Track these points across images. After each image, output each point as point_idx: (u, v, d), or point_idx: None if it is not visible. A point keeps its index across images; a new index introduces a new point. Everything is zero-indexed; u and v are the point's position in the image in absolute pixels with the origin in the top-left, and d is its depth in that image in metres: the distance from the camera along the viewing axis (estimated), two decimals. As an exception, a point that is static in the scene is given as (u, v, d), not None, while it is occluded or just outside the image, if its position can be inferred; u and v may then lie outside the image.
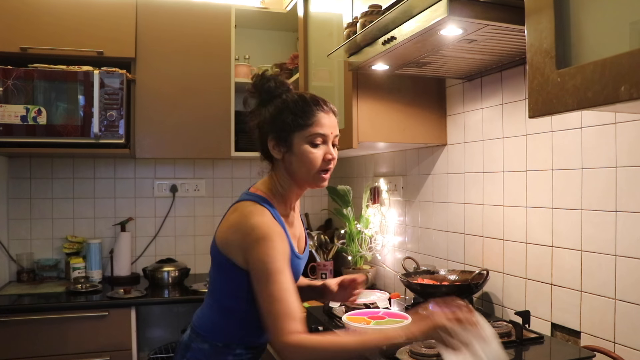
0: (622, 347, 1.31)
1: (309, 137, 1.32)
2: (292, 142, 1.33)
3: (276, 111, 1.36)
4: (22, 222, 2.83)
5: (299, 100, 1.35)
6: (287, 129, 1.33)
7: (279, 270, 1.23)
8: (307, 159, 1.33)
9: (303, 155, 1.33)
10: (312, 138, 1.32)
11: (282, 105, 1.35)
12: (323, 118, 1.34)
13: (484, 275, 1.72)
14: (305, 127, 1.32)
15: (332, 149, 1.36)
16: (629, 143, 1.31)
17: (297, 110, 1.33)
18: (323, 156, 1.34)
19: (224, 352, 1.38)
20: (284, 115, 1.34)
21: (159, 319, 2.93)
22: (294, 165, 1.35)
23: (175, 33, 2.71)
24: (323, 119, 1.34)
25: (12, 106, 2.36)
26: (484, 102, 1.86)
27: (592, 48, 0.84)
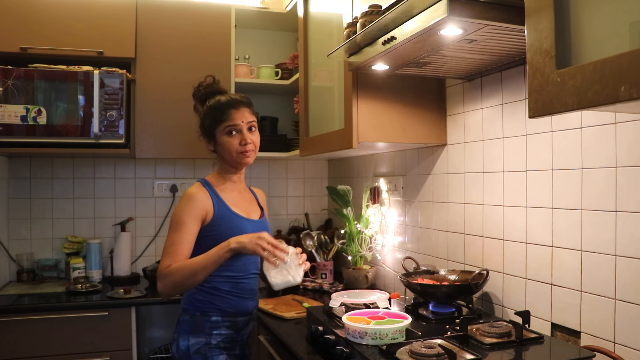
0: (622, 347, 1.31)
1: (224, 130, 1.72)
2: (216, 136, 1.75)
3: (203, 115, 1.79)
4: (22, 222, 2.83)
5: (215, 103, 1.75)
6: (210, 127, 1.75)
7: (184, 222, 1.64)
8: (227, 147, 1.73)
9: (224, 144, 1.73)
10: (227, 129, 1.72)
11: (206, 110, 1.78)
12: (234, 113, 1.72)
13: (484, 275, 1.72)
14: (221, 123, 1.72)
15: (248, 134, 1.73)
16: (629, 143, 1.31)
17: (214, 112, 1.74)
18: (239, 141, 1.72)
19: (202, 320, 1.70)
20: (207, 118, 1.76)
21: (159, 319, 2.93)
22: (222, 154, 1.76)
23: (175, 33, 2.71)
24: (234, 114, 1.72)
25: (12, 106, 2.36)
26: (484, 102, 1.86)
27: (592, 48, 0.84)
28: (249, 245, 1.54)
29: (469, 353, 1.34)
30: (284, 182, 3.30)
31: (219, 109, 1.73)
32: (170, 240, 1.63)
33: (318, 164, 3.37)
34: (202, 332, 1.69)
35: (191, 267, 1.57)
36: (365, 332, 1.44)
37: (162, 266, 1.60)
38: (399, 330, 1.45)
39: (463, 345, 1.39)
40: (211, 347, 1.69)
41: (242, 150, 1.73)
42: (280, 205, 3.29)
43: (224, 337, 1.72)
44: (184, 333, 1.71)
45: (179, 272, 1.56)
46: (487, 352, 1.38)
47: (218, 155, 1.79)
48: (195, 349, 1.68)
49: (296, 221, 3.28)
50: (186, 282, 1.58)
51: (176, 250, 1.60)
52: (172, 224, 1.66)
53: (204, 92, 1.81)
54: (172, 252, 1.60)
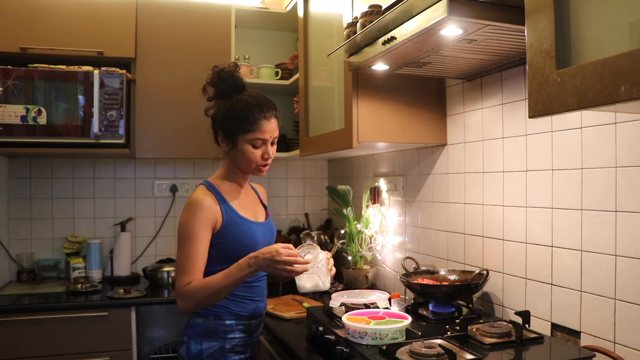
0: (622, 347, 1.31)
1: (251, 140, 1.61)
2: (237, 141, 1.62)
3: (226, 112, 1.63)
4: (22, 222, 2.83)
5: (245, 107, 1.60)
6: (233, 130, 1.61)
7: (196, 234, 1.55)
8: (248, 157, 1.63)
9: (245, 153, 1.62)
10: (253, 141, 1.61)
11: (231, 109, 1.62)
12: (264, 125, 1.61)
13: (484, 275, 1.72)
14: (248, 132, 1.60)
15: (270, 148, 1.65)
16: (629, 143, 1.31)
17: (242, 116, 1.60)
18: (261, 155, 1.63)
19: (215, 324, 1.63)
20: (232, 119, 1.61)
21: (159, 319, 2.93)
22: (237, 159, 1.65)
23: (175, 33, 2.71)
24: (264, 125, 1.61)
25: (12, 106, 2.36)
26: (484, 102, 1.86)
27: (592, 48, 0.84)
28: (268, 269, 1.50)
29: (469, 353, 1.34)
30: (284, 182, 3.30)
31: (250, 114, 1.60)
32: (184, 255, 1.55)
33: (318, 164, 3.37)
34: (216, 336, 1.64)
35: (212, 287, 1.51)
36: (365, 332, 1.44)
37: (180, 284, 1.53)
38: (399, 330, 1.45)
39: (463, 345, 1.39)
40: (225, 351, 1.64)
41: (262, 164, 1.66)
42: (280, 205, 3.29)
43: (238, 341, 1.67)
44: (195, 336, 1.64)
45: (199, 291, 1.51)
46: (487, 352, 1.38)
47: (230, 157, 1.68)
48: (209, 353, 1.63)
49: (296, 221, 3.28)
50: (207, 301, 1.54)
51: (192, 265, 1.54)
52: (182, 236, 1.57)
53: (228, 83, 1.65)
54: (188, 269, 1.53)
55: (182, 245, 1.57)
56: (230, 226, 1.62)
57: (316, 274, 1.60)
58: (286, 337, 1.76)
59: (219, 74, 1.66)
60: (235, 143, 1.62)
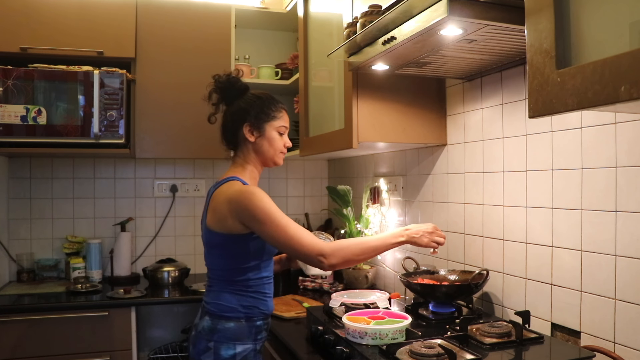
0: (622, 347, 1.31)
1: (278, 128, 1.72)
2: (265, 129, 1.71)
3: (248, 105, 1.71)
4: (22, 222, 2.83)
5: (267, 99, 1.73)
6: (262, 118, 1.70)
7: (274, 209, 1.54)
8: (276, 144, 1.73)
9: (272, 140, 1.72)
10: (279, 129, 1.73)
11: (253, 102, 1.71)
12: (285, 115, 1.75)
13: (484, 275, 1.72)
14: (275, 119, 1.72)
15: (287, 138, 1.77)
16: (629, 143, 1.31)
17: (269, 105, 1.72)
18: (284, 143, 1.75)
19: (248, 326, 1.63)
20: (258, 108, 1.70)
21: (159, 319, 2.93)
22: (264, 147, 1.72)
23: (175, 33, 2.71)
24: (285, 115, 1.75)
25: (12, 106, 2.36)
26: (484, 102, 1.86)
27: (592, 48, 0.84)
28: (418, 240, 1.61)
29: (469, 353, 1.34)
30: (284, 182, 3.30)
31: (273, 105, 1.72)
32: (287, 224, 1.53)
33: (318, 164, 3.37)
34: (249, 339, 1.62)
35: (366, 244, 1.56)
36: (365, 332, 1.44)
37: (317, 243, 1.50)
38: (399, 330, 1.45)
39: (463, 345, 1.39)
40: (256, 352, 1.65)
41: (283, 151, 1.75)
42: (280, 205, 3.27)
43: (263, 341, 1.69)
44: (227, 341, 1.59)
45: (352, 245, 1.55)
46: (487, 352, 1.38)
47: (253, 149, 1.72)
48: (243, 357, 1.60)
49: (296, 221, 3.28)
50: (358, 257, 1.56)
51: (301, 230, 1.55)
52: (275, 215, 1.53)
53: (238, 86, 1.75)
54: (303, 233, 1.53)
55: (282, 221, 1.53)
56: None
57: None
58: (286, 337, 1.76)
59: (228, 79, 1.75)
60: (264, 131, 1.70)
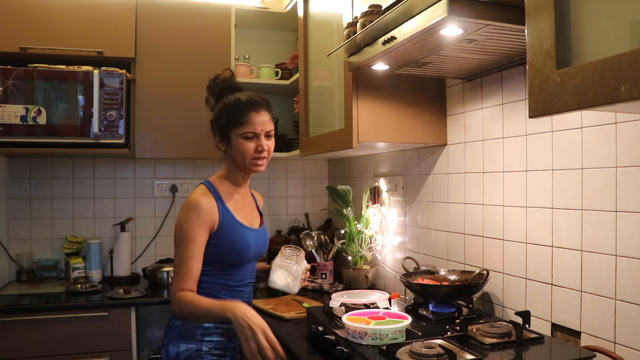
0: (622, 347, 1.31)
1: (242, 134, 1.65)
2: (230, 137, 1.67)
3: (218, 112, 1.70)
4: (22, 222, 2.83)
5: (234, 103, 1.67)
6: (225, 127, 1.67)
7: (193, 235, 1.56)
8: (242, 151, 1.66)
9: (238, 147, 1.66)
10: (244, 134, 1.65)
11: (222, 107, 1.69)
12: (254, 117, 1.65)
13: (484, 275, 1.72)
14: (239, 126, 1.65)
15: (265, 141, 1.67)
16: (629, 143, 1.30)
17: (232, 111, 1.66)
18: (255, 148, 1.65)
19: (194, 327, 1.64)
20: (223, 116, 1.68)
21: (159, 319, 2.93)
22: (233, 156, 1.69)
23: (175, 33, 2.71)
24: (254, 117, 1.65)
25: (12, 106, 2.36)
26: (484, 102, 1.86)
27: (592, 48, 0.84)
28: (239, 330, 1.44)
29: (469, 353, 1.34)
30: (284, 182, 3.30)
31: (238, 109, 1.66)
32: (180, 256, 1.57)
33: (318, 164, 3.37)
34: (193, 339, 1.63)
35: (196, 309, 1.54)
36: (365, 332, 1.44)
37: (174, 287, 1.57)
38: (399, 330, 1.45)
39: (463, 346, 1.39)
40: (202, 353, 1.63)
41: (256, 157, 1.67)
42: (280, 205, 3.29)
43: (216, 344, 1.66)
44: (173, 339, 1.65)
45: (186, 305, 1.54)
46: (487, 352, 1.38)
47: (228, 156, 1.72)
48: (186, 356, 1.62)
49: (296, 221, 3.28)
50: (191, 317, 1.60)
51: (187, 268, 1.55)
52: (179, 237, 1.58)
53: (220, 86, 1.73)
54: (182, 272, 1.55)
55: (178, 246, 1.58)
56: (225, 229, 1.64)
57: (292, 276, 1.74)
58: (286, 337, 1.76)
59: (215, 80, 1.74)
60: (230, 139, 1.68)
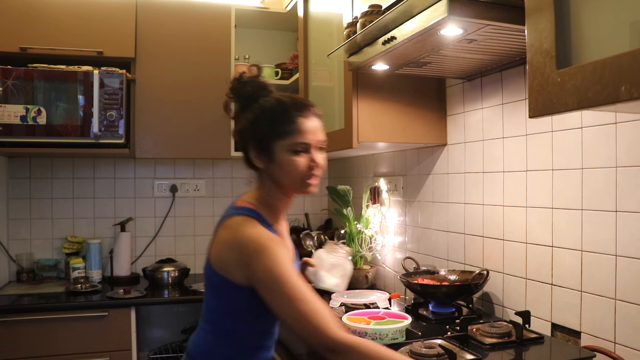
0: (622, 347, 1.31)
1: (290, 146, 1.26)
2: (274, 151, 1.27)
3: (254, 119, 1.30)
4: (22, 222, 2.83)
5: (277, 106, 1.29)
6: (266, 138, 1.27)
7: (290, 274, 1.17)
8: (290, 168, 1.27)
9: (285, 164, 1.27)
10: (293, 146, 1.26)
11: (259, 112, 1.30)
12: (304, 124, 1.27)
13: (484, 275, 1.72)
14: (286, 136, 1.26)
15: (317, 155, 1.29)
16: (629, 143, 1.30)
17: (275, 117, 1.27)
18: (307, 164, 1.27)
19: None
20: (262, 123, 1.28)
21: (159, 319, 2.93)
22: (277, 175, 1.29)
23: (175, 33, 2.71)
24: (304, 125, 1.27)
25: (11, 106, 2.36)
26: (484, 102, 1.86)
27: (592, 48, 0.84)
28: None
29: (469, 353, 1.34)
30: (284, 182, 3.30)
31: (283, 115, 1.27)
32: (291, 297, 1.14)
33: (318, 164, 3.37)
34: None
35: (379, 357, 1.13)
36: (365, 332, 1.44)
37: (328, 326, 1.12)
38: (399, 330, 1.45)
39: (463, 346, 1.39)
40: None
41: (308, 175, 1.28)
42: (280, 205, 3.28)
43: None
44: None
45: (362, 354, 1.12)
46: (487, 352, 1.38)
47: (267, 174, 1.32)
48: None
49: (296, 221, 3.28)
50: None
51: (316, 306, 1.15)
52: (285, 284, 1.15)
53: (251, 87, 1.34)
54: (315, 311, 1.14)
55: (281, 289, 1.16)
56: None
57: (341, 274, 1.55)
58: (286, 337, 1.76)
59: (240, 80, 1.36)
60: (272, 154, 1.28)
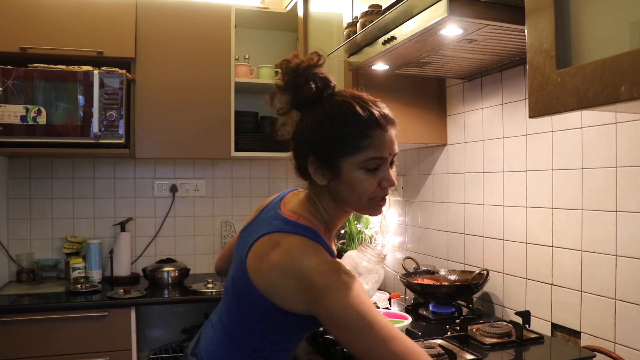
0: (622, 347, 1.31)
1: (363, 163, 1.06)
2: (341, 167, 1.07)
3: (317, 125, 1.08)
4: (22, 222, 2.83)
5: (349, 114, 1.06)
6: (333, 151, 1.06)
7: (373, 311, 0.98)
8: (360, 188, 1.07)
9: (355, 183, 1.07)
10: (366, 164, 1.06)
11: (324, 118, 1.07)
12: (381, 136, 1.07)
13: (484, 275, 1.72)
14: (358, 151, 1.05)
15: (391, 172, 1.10)
16: (629, 143, 1.31)
17: (346, 128, 1.05)
18: (379, 182, 1.08)
19: None
20: (329, 133, 1.06)
21: (159, 319, 2.93)
22: (342, 194, 1.09)
23: (175, 33, 2.70)
24: (381, 137, 1.07)
25: (11, 106, 2.36)
26: (484, 102, 1.86)
27: (592, 48, 0.84)
28: None
29: (469, 353, 1.34)
30: (284, 182, 3.30)
31: (358, 125, 1.06)
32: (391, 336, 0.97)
33: (318, 164, 3.37)
34: None
35: None
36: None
37: None
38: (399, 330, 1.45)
39: (463, 346, 1.39)
40: None
41: (379, 195, 1.09)
42: (280, 205, 3.28)
43: None
44: None
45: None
46: (487, 352, 1.38)
47: (330, 191, 1.12)
48: None
49: (296, 221, 3.28)
50: None
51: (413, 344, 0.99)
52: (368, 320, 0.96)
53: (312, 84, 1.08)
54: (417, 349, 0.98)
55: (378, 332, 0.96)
56: None
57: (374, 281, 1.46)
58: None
59: (296, 72, 1.09)
60: (338, 171, 1.07)
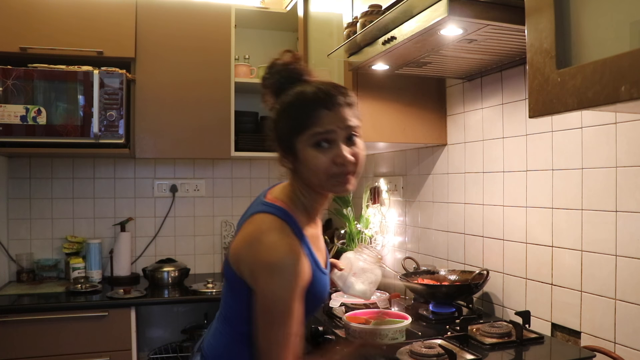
0: (622, 347, 1.31)
1: (311, 139, 1.10)
2: (296, 149, 1.12)
3: (276, 116, 1.17)
4: (22, 222, 2.83)
5: (296, 99, 1.13)
6: (287, 135, 1.13)
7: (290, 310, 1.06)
8: (315, 167, 1.10)
9: (309, 162, 1.11)
10: (314, 139, 1.09)
11: (279, 108, 1.16)
12: (325, 116, 1.10)
13: (484, 275, 1.72)
14: (305, 129, 1.10)
15: (343, 147, 1.10)
16: (629, 143, 1.31)
17: (293, 110, 1.13)
18: (332, 159, 1.10)
19: None
20: (282, 120, 1.15)
21: (159, 319, 2.93)
22: (304, 175, 1.14)
23: (175, 33, 2.70)
24: (325, 116, 1.10)
25: (11, 106, 2.36)
26: (484, 102, 1.86)
27: (592, 48, 0.84)
28: None
29: (469, 353, 1.34)
30: (284, 182, 3.30)
31: (302, 106, 1.12)
32: (287, 329, 1.06)
33: (318, 164, 3.36)
34: None
35: None
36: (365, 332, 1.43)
37: None
38: (399, 330, 1.45)
39: (463, 346, 1.39)
40: None
41: (336, 172, 1.11)
42: (280, 205, 3.28)
43: None
44: None
45: None
46: (487, 352, 1.38)
47: (296, 173, 1.17)
48: None
49: (296, 221, 3.28)
50: None
51: (295, 341, 1.09)
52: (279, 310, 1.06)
53: (279, 77, 1.18)
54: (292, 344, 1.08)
55: (279, 320, 1.06)
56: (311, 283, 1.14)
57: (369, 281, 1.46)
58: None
59: (270, 69, 1.19)
60: (295, 153, 1.12)
